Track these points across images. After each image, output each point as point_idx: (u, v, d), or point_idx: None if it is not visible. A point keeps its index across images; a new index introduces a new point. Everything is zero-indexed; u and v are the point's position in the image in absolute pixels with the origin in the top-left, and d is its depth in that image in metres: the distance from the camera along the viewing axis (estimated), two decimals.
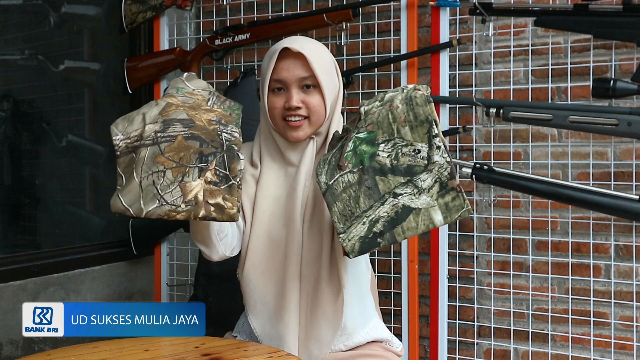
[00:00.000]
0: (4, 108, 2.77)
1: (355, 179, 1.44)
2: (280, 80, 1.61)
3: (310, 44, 1.64)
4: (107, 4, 2.98)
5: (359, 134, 1.46)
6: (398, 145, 1.44)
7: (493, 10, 2.15)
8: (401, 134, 1.44)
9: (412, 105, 1.44)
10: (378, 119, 1.46)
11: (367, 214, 1.41)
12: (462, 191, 1.39)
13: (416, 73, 2.29)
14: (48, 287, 2.50)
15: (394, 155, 1.43)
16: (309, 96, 1.61)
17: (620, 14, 2.00)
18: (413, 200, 1.40)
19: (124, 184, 1.44)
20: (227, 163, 1.43)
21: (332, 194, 1.45)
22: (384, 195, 1.41)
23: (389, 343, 1.71)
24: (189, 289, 2.65)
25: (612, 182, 2.16)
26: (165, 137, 1.44)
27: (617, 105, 2.05)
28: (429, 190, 1.39)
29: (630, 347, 2.18)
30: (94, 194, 3.09)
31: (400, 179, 1.41)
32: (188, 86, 1.60)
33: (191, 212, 1.39)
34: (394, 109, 1.45)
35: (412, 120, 1.43)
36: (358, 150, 1.45)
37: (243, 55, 2.68)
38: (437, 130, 1.42)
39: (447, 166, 1.40)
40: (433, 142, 1.42)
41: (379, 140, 1.45)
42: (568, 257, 2.24)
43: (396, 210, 1.40)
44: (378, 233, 1.40)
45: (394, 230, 1.39)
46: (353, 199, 1.43)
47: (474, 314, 2.41)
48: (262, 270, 1.62)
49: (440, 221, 1.39)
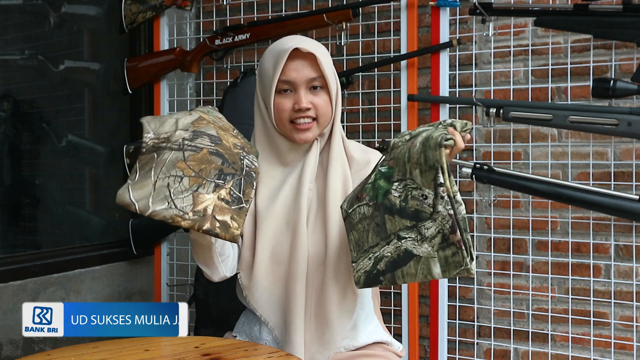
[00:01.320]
0: (4, 108, 2.77)
1: (369, 212, 1.42)
2: (289, 82, 1.58)
3: (315, 43, 1.62)
4: (107, 4, 2.98)
5: (381, 167, 1.44)
6: (409, 187, 1.39)
7: (493, 10, 2.15)
8: (412, 175, 1.38)
9: (426, 147, 1.38)
10: (398, 156, 1.42)
11: (373, 250, 1.40)
12: (464, 248, 1.33)
13: (416, 73, 2.29)
14: (48, 287, 2.50)
15: (403, 196, 1.39)
16: (317, 97, 1.59)
17: (620, 14, 2.00)
18: (415, 247, 1.37)
19: (136, 179, 1.45)
20: (242, 186, 1.45)
21: (349, 222, 1.45)
22: (390, 235, 1.39)
23: (389, 345, 1.71)
24: (189, 289, 2.65)
25: (612, 182, 2.16)
26: (192, 147, 1.45)
27: (617, 105, 2.05)
28: (432, 239, 1.35)
29: (630, 347, 2.18)
30: (94, 194, 3.09)
31: (406, 222, 1.38)
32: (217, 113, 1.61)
33: (196, 223, 1.39)
34: (412, 147, 1.40)
35: (422, 164, 1.37)
36: (376, 185, 1.42)
37: (243, 55, 2.68)
38: (443, 178, 1.35)
39: (449, 219, 1.34)
40: (438, 190, 1.36)
41: (394, 178, 1.41)
42: (568, 257, 2.24)
43: (399, 253, 1.38)
44: (380, 271, 1.39)
45: (394, 272, 1.38)
46: (365, 232, 1.42)
47: (474, 314, 2.41)
48: (269, 275, 1.61)
49: (439, 274, 1.35)
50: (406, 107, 2.27)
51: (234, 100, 2.44)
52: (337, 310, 1.59)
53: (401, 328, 2.29)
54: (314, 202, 1.61)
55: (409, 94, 2.27)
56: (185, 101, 2.84)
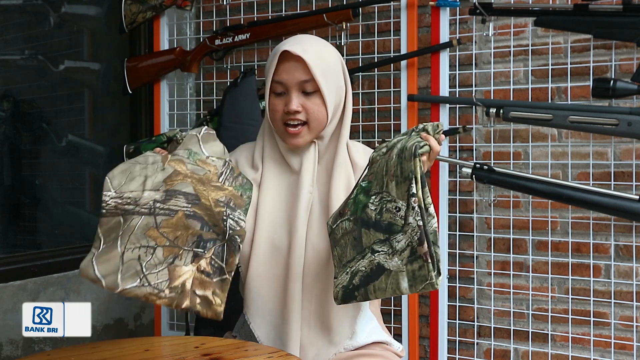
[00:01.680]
0: (4, 108, 2.77)
1: (350, 227, 1.40)
2: (281, 83, 1.58)
3: (313, 46, 1.60)
4: (107, 4, 2.98)
5: (362, 182, 1.43)
6: (384, 200, 1.37)
7: (493, 10, 2.15)
8: (389, 188, 1.37)
9: (402, 159, 1.37)
10: (377, 170, 1.41)
11: (350, 265, 1.38)
12: (430, 261, 1.31)
13: (416, 73, 2.29)
14: (48, 287, 2.50)
15: (379, 209, 1.37)
16: (309, 101, 1.58)
17: (620, 14, 2.00)
18: (387, 261, 1.34)
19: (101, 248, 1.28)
20: (225, 254, 1.32)
21: (334, 238, 1.43)
22: (365, 249, 1.37)
23: (389, 345, 1.71)
24: None
25: (612, 182, 2.16)
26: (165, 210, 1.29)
27: (617, 105, 2.05)
28: (402, 253, 1.33)
29: (630, 347, 2.18)
30: (94, 194, 3.09)
31: (380, 236, 1.36)
32: (202, 152, 1.45)
33: (174, 301, 1.27)
34: (389, 160, 1.39)
35: (398, 175, 1.36)
36: (357, 199, 1.41)
37: (243, 55, 2.68)
38: (416, 189, 1.34)
39: (417, 230, 1.32)
40: (410, 201, 1.34)
41: (372, 191, 1.40)
42: (568, 257, 2.24)
43: (372, 267, 1.35)
44: (355, 286, 1.37)
45: (367, 287, 1.36)
46: (346, 247, 1.40)
47: (474, 314, 2.41)
48: (265, 277, 1.60)
49: (406, 289, 1.33)
50: (406, 107, 2.28)
51: (234, 100, 2.44)
52: (340, 314, 1.59)
53: (401, 328, 2.29)
54: (316, 206, 1.61)
55: (409, 94, 2.27)
56: (185, 101, 2.84)
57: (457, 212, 2.38)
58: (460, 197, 2.39)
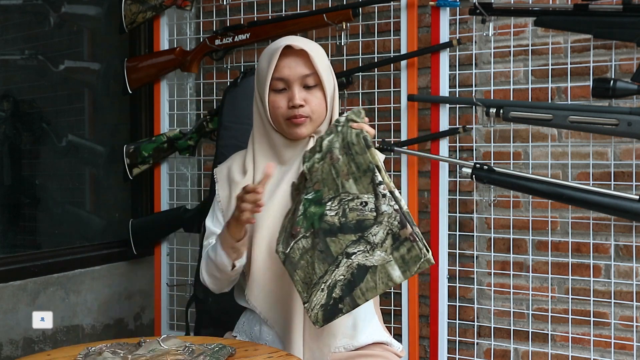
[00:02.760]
0: (4, 108, 2.77)
1: (309, 244, 1.37)
2: (282, 79, 1.59)
3: (309, 42, 1.64)
4: (107, 4, 2.98)
5: (307, 195, 1.39)
6: (344, 200, 1.35)
7: (493, 10, 2.15)
8: (346, 188, 1.35)
9: (353, 155, 1.35)
10: (322, 176, 1.38)
11: (323, 280, 1.35)
12: (418, 240, 1.30)
13: (416, 73, 2.29)
14: (48, 287, 2.50)
15: (341, 212, 1.34)
16: (310, 95, 1.60)
17: (620, 14, 2.00)
18: (367, 258, 1.32)
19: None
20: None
21: (290, 262, 1.39)
22: (337, 257, 1.34)
23: (389, 345, 1.71)
24: (189, 289, 2.65)
25: (612, 182, 2.16)
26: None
27: (617, 105, 2.05)
28: (382, 244, 1.31)
29: (630, 347, 2.18)
30: (94, 194, 3.09)
31: (351, 237, 1.33)
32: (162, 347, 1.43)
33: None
34: (335, 162, 1.37)
35: (355, 172, 1.34)
36: (308, 213, 1.37)
37: (243, 55, 2.68)
38: (381, 176, 1.33)
39: (396, 215, 1.30)
40: (378, 190, 1.32)
41: (325, 199, 1.37)
42: (568, 257, 2.24)
43: (352, 272, 1.33)
44: (338, 298, 1.34)
45: (353, 293, 1.33)
46: (310, 265, 1.36)
47: (474, 314, 2.41)
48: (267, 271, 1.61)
49: (400, 276, 1.31)
50: (406, 107, 2.28)
51: (234, 100, 2.44)
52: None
53: (401, 328, 2.29)
54: None
55: (409, 94, 2.27)
56: (185, 101, 2.85)
57: (457, 212, 2.38)
58: (460, 197, 2.39)
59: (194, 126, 2.64)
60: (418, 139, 2.29)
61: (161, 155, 2.67)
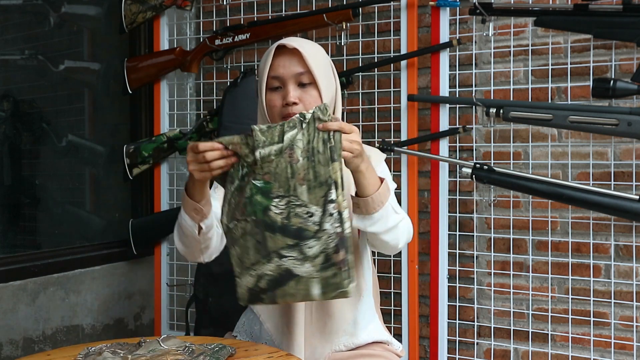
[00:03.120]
0: (4, 108, 2.77)
1: (249, 228, 1.37)
2: (277, 77, 1.60)
3: (306, 42, 1.64)
4: (107, 4, 2.98)
5: (255, 181, 1.36)
6: (292, 204, 1.33)
7: (493, 10, 2.15)
8: (297, 192, 1.33)
9: (314, 163, 1.33)
10: (276, 170, 1.35)
11: (254, 268, 1.36)
12: (344, 269, 1.31)
13: (416, 73, 2.29)
14: (48, 287, 2.50)
15: (286, 214, 1.34)
16: (305, 93, 1.60)
17: (620, 14, 2.00)
18: (296, 267, 1.33)
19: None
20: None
21: (231, 237, 1.40)
22: (271, 253, 1.35)
23: (389, 344, 1.71)
24: (189, 289, 2.65)
25: (612, 182, 2.16)
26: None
27: (617, 105, 2.05)
28: (314, 259, 1.32)
29: (630, 347, 2.18)
30: (94, 194, 3.09)
31: (288, 241, 1.33)
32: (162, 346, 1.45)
33: None
34: (294, 162, 1.33)
35: (311, 180, 1.33)
36: (253, 200, 1.36)
37: (243, 55, 2.68)
38: (336, 193, 1.31)
39: (335, 237, 1.31)
40: (327, 207, 1.31)
41: (273, 193, 1.35)
42: (568, 257, 2.24)
43: (280, 272, 1.34)
44: (261, 289, 1.36)
45: (275, 291, 1.35)
46: (247, 248, 1.37)
47: (474, 314, 2.41)
48: None
49: (318, 295, 1.33)
50: (406, 107, 2.28)
51: (234, 100, 2.44)
52: (341, 302, 1.60)
53: (401, 328, 2.29)
54: None
55: (409, 94, 2.27)
56: (185, 101, 2.85)
57: (457, 212, 2.38)
58: (460, 197, 2.39)
59: (194, 126, 2.64)
60: (418, 139, 2.29)
61: (161, 155, 2.67)
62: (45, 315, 2.47)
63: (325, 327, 1.61)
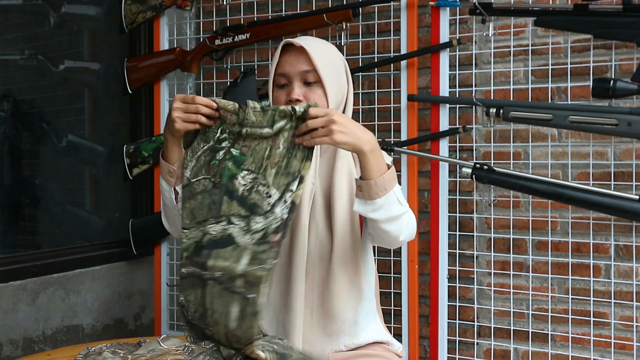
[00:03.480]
0: (4, 108, 2.77)
1: (209, 187, 1.45)
2: (284, 74, 1.62)
3: (315, 41, 1.65)
4: (107, 4, 2.98)
5: (233, 149, 1.46)
6: (257, 181, 1.43)
7: (493, 10, 2.15)
8: (266, 173, 1.43)
9: (291, 155, 1.43)
10: (256, 148, 1.45)
11: (202, 225, 1.43)
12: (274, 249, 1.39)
13: (416, 73, 2.29)
14: (48, 287, 2.50)
15: (249, 187, 1.43)
16: (310, 91, 1.61)
17: (620, 14, 2.00)
18: (239, 235, 1.41)
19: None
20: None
21: (189, 190, 1.47)
22: (222, 216, 1.43)
23: (389, 344, 1.71)
24: None
25: (612, 182, 2.16)
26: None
27: (617, 105, 2.05)
28: (255, 233, 1.40)
29: (630, 347, 2.18)
30: (94, 194, 3.09)
31: (242, 211, 1.42)
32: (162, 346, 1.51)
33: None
34: (275, 147, 1.44)
35: (282, 168, 1.42)
36: (224, 165, 1.45)
37: (243, 55, 2.68)
38: (297, 187, 1.41)
39: (280, 221, 1.40)
40: (285, 195, 1.41)
41: (245, 166, 1.44)
42: (568, 257, 2.24)
43: (222, 235, 1.41)
44: (202, 245, 1.42)
45: (212, 251, 1.41)
46: (201, 205, 1.45)
47: (474, 314, 2.41)
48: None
49: (244, 266, 1.39)
50: (406, 107, 2.28)
51: (233, 100, 2.44)
52: (342, 303, 1.61)
53: (401, 328, 2.29)
54: (318, 197, 1.63)
55: (409, 94, 2.27)
56: None
57: (457, 212, 2.38)
58: (460, 197, 2.39)
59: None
60: (418, 139, 2.29)
61: None
62: (45, 315, 2.47)
63: (326, 328, 1.61)
